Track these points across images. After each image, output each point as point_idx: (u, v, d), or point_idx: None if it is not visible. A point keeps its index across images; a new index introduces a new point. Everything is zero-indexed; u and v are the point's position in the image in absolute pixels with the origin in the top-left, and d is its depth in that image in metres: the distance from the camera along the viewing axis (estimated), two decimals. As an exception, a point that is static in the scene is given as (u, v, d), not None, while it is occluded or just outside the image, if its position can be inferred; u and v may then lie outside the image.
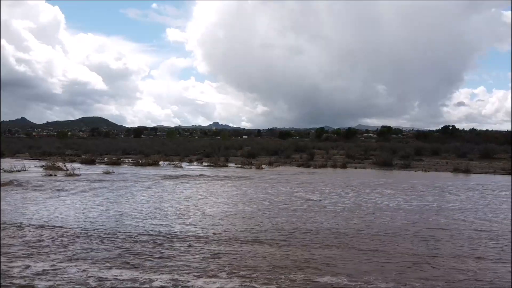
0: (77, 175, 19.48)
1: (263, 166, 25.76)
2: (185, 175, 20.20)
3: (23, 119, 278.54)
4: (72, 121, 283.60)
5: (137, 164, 26.77)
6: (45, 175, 19.51)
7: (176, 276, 5.70)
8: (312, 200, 12.74)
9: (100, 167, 24.55)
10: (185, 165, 27.24)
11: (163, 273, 5.82)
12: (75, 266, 6.15)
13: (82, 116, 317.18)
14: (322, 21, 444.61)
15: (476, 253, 7.03)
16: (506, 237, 8.16)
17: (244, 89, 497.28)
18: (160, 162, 27.77)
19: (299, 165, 26.77)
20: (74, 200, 12.42)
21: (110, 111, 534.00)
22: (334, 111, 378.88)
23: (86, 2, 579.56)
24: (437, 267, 6.24)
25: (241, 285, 5.42)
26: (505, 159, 30.12)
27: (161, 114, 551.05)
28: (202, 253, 6.81)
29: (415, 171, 23.41)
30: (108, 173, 20.77)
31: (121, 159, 29.74)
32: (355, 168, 25.44)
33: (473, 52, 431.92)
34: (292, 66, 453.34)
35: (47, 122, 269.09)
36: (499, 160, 29.49)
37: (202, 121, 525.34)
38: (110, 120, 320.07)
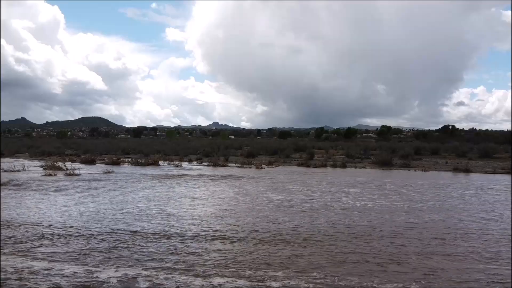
0: (77, 174, 19.50)
1: (263, 165, 25.76)
2: (183, 175, 20.21)
3: (22, 119, 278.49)
4: (71, 121, 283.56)
5: (136, 163, 26.77)
6: (45, 175, 19.52)
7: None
8: (313, 200, 12.78)
9: (100, 167, 24.55)
10: (185, 164, 27.24)
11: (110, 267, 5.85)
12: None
13: (82, 116, 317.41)
14: (322, 21, 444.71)
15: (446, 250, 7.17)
16: (475, 235, 8.33)
17: (243, 89, 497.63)
18: (160, 162, 27.77)
19: (298, 165, 26.77)
20: (71, 199, 12.43)
21: (110, 111, 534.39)
22: (333, 111, 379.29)
23: (85, 2, 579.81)
24: (404, 264, 6.38)
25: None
26: (504, 158, 30.14)
27: (161, 114, 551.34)
28: (163, 249, 7.08)
29: (415, 171, 23.42)
30: (108, 172, 20.77)
31: (121, 159, 29.73)
32: (355, 167, 25.44)
33: (473, 51, 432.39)
34: (292, 65, 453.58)
35: (47, 122, 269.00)
36: (499, 160, 29.51)
37: (202, 121, 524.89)
38: (109, 120, 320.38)
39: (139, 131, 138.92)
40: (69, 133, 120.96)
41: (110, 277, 5.70)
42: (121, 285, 5.45)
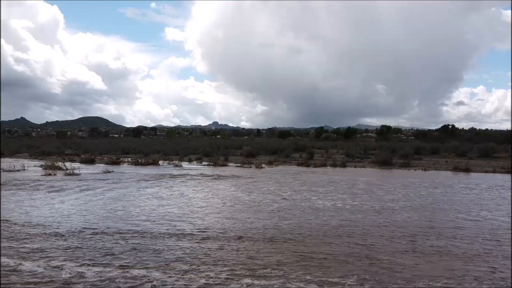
0: (76, 174, 19.49)
1: (263, 165, 25.76)
2: (181, 175, 20.21)
3: (22, 119, 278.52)
4: (71, 121, 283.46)
5: (136, 163, 26.75)
6: (45, 175, 19.51)
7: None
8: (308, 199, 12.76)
9: (100, 167, 24.53)
10: (184, 164, 27.22)
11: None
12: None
13: (81, 116, 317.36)
14: (322, 21, 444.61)
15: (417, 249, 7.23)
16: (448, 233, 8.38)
17: (243, 88, 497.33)
18: (160, 162, 27.75)
19: (298, 164, 26.76)
20: (69, 199, 12.42)
21: (109, 110, 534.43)
22: (333, 111, 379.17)
23: (85, 1, 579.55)
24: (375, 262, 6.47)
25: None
26: (504, 158, 30.16)
27: (161, 113, 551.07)
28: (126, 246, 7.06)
29: (415, 170, 23.42)
30: (108, 172, 20.77)
31: (121, 159, 29.72)
32: (355, 167, 25.43)
33: (472, 51, 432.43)
34: (292, 65, 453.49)
35: (46, 122, 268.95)
36: (499, 159, 29.52)
37: (202, 121, 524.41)
38: (109, 120, 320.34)
39: (139, 131, 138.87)
40: (69, 133, 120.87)
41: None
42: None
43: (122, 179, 17.84)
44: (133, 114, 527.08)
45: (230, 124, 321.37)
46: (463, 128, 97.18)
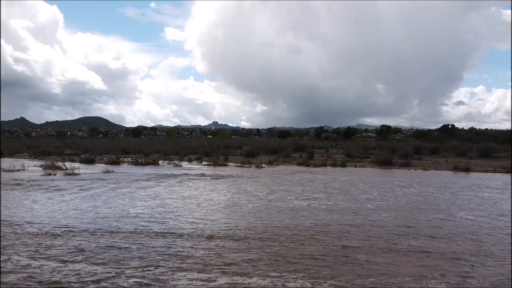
0: (76, 174, 19.48)
1: (263, 165, 25.75)
2: (177, 175, 20.20)
3: (22, 119, 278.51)
4: (71, 121, 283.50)
5: (136, 163, 26.74)
6: (44, 174, 19.50)
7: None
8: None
9: (100, 167, 24.52)
10: (184, 164, 27.21)
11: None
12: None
13: (81, 116, 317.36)
14: (321, 21, 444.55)
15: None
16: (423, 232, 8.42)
17: (243, 88, 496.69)
18: (160, 162, 27.74)
19: (298, 164, 26.76)
20: (67, 199, 12.41)
21: (109, 110, 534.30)
22: (333, 111, 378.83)
23: (84, 1, 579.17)
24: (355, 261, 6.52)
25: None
26: (504, 157, 30.16)
27: (160, 113, 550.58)
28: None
29: (415, 170, 23.42)
30: (108, 172, 20.76)
31: (121, 159, 29.71)
32: (355, 167, 25.43)
33: (472, 51, 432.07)
34: (292, 65, 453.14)
35: (46, 122, 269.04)
36: (499, 159, 29.53)
37: (202, 121, 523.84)
38: (109, 120, 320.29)
39: (139, 131, 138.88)
40: (69, 133, 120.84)
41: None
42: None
43: (115, 179, 17.84)
44: (133, 114, 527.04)
45: (230, 124, 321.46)
46: (463, 128, 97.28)
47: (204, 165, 26.85)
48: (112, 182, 16.78)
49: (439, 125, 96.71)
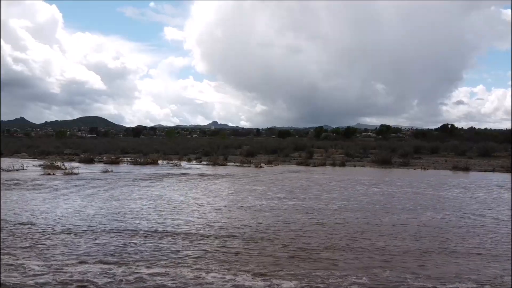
0: (75, 173, 19.47)
1: (262, 164, 25.74)
2: (173, 174, 20.20)
3: (21, 119, 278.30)
4: (70, 120, 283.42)
5: (135, 163, 26.72)
6: (43, 174, 19.49)
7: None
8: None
9: (99, 166, 24.49)
10: (184, 164, 27.20)
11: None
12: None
13: (81, 116, 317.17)
14: (321, 20, 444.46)
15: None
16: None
17: (243, 88, 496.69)
18: (159, 161, 27.72)
19: (298, 164, 26.75)
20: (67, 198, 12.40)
21: (109, 110, 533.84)
22: (333, 110, 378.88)
23: (83, 1, 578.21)
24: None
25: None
26: (504, 157, 30.17)
27: (160, 113, 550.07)
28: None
29: (414, 169, 23.43)
30: (107, 171, 20.74)
31: (120, 158, 29.69)
32: (354, 166, 25.43)
33: (472, 50, 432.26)
34: (291, 65, 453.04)
35: (46, 122, 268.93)
36: (498, 158, 29.53)
37: (201, 121, 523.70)
38: (108, 119, 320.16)
39: (138, 131, 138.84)
40: (68, 133, 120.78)
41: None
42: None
43: (114, 179, 17.83)
44: (133, 113, 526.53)
45: (230, 124, 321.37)
46: (462, 127, 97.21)
47: (204, 164, 26.84)
48: (111, 181, 16.76)
49: (439, 125, 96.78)
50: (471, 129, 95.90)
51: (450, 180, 18.16)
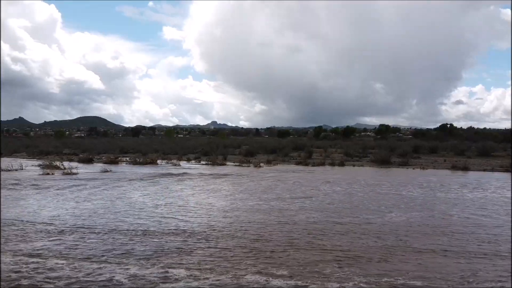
0: (74, 173, 19.44)
1: (261, 164, 25.73)
2: (172, 174, 20.18)
3: (20, 118, 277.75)
4: (69, 120, 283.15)
5: (135, 162, 26.70)
6: (42, 174, 19.46)
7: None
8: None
9: (98, 166, 24.46)
10: (183, 163, 27.18)
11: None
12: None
13: (80, 116, 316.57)
14: (321, 20, 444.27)
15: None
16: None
17: (242, 88, 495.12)
18: (159, 161, 27.69)
19: (297, 163, 26.74)
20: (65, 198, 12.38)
21: (108, 110, 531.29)
22: (332, 110, 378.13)
23: (82, 1, 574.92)
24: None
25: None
26: (503, 156, 30.19)
27: (159, 113, 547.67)
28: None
29: (413, 169, 23.43)
30: (106, 171, 20.72)
31: (119, 158, 29.66)
32: (353, 166, 25.43)
33: (471, 50, 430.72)
34: (291, 64, 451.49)
35: (45, 121, 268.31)
36: (497, 158, 29.54)
37: (200, 120, 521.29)
38: (108, 119, 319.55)
39: (138, 131, 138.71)
40: (67, 132, 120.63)
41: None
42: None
43: (113, 178, 17.81)
44: (132, 113, 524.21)
45: (229, 124, 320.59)
46: (461, 127, 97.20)
47: (203, 164, 26.83)
48: (109, 181, 16.75)
49: (438, 125, 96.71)
50: (470, 128, 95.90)
51: (449, 180, 18.18)
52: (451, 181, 17.38)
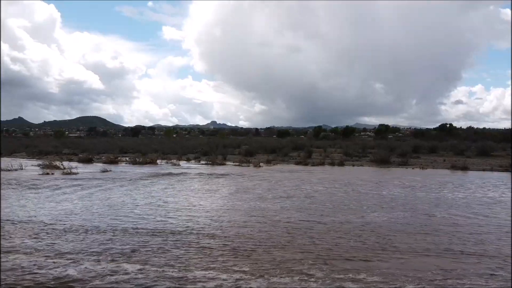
0: (74, 173, 19.46)
1: (261, 164, 25.75)
2: (171, 174, 20.20)
3: (20, 118, 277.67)
4: (69, 120, 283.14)
5: (134, 162, 26.71)
6: (42, 174, 19.47)
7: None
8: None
9: (98, 166, 24.47)
10: (183, 163, 27.20)
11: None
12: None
13: (79, 116, 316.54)
14: (320, 20, 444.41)
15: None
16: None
17: (241, 87, 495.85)
18: (158, 161, 27.71)
19: (296, 163, 26.76)
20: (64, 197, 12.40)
21: (107, 110, 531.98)
22: (332, 110, 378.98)
23: (81, 0, 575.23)
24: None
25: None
26: (502, 156, 30.23)
27: (159, 113, 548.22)
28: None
29: (413, 169, 23.47)
30: (105, 171, 20.74)
31: (119, 158, 29.67)
32: (353, 165, 25.46)
33: (471, 50, 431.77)
34: (290, 64, 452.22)
35: (44, 121, 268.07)
36: (497, 158, 29.59)
37: (200, 120, 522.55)
38: (107, 119, 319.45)
39: (137, 131, 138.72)
40: (66, 132, 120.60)
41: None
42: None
43: (113, 178, 17.83)
44: (131, 113, 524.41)
45: (229, 124, 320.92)
46: (461, 127, 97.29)
47: (202, 164, 26.85)
48: (109, 181, 16.76)
49: (438, 124, 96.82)
50: (470, 128, 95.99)
51: (448, 179, 18.22)
52: (446, 181, 17.40)
